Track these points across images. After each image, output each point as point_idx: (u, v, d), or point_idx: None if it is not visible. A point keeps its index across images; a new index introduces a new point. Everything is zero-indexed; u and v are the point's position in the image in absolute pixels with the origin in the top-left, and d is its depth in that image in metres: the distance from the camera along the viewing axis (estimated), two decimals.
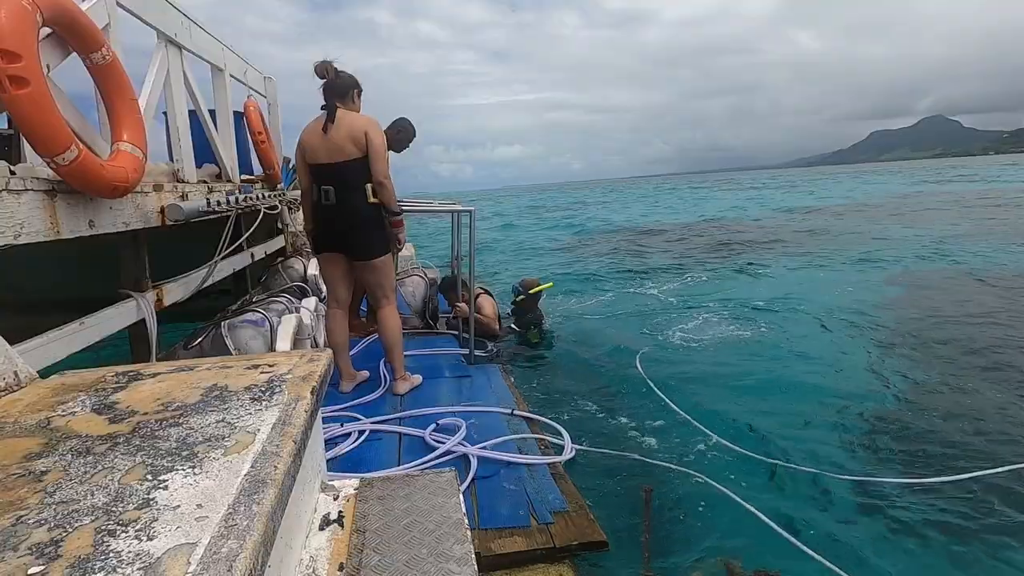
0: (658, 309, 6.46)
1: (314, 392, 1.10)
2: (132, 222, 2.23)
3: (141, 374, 1.21)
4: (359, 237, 2.74)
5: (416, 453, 2.19)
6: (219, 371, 1.22)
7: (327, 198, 2.67)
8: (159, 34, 2.87)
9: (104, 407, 1.03)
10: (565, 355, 4.62)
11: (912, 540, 2.19)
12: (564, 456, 2.24)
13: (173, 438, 0.88)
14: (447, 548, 1.07)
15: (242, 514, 0.66)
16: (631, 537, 2.13)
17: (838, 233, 12.71)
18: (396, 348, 2.91)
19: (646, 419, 3.23)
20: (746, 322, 5.60)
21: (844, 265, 8.64)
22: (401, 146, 4.00)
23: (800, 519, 2.25)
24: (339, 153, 2.63)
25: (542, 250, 13.76)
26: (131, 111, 2.07)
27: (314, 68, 2.67)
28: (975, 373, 3.87)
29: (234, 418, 0.96)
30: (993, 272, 7.42)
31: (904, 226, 13.31)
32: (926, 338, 4.73)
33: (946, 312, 5.59)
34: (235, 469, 0.77)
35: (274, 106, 5.54)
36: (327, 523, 1.17)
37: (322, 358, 1.28)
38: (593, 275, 9.30)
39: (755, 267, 8.99)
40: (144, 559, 0.58)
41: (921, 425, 3.12)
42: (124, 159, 1.95)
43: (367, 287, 2.89)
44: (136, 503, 0.70)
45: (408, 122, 4.00)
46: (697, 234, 14.47)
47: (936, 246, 9.84)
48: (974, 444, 2.86)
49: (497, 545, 1.63)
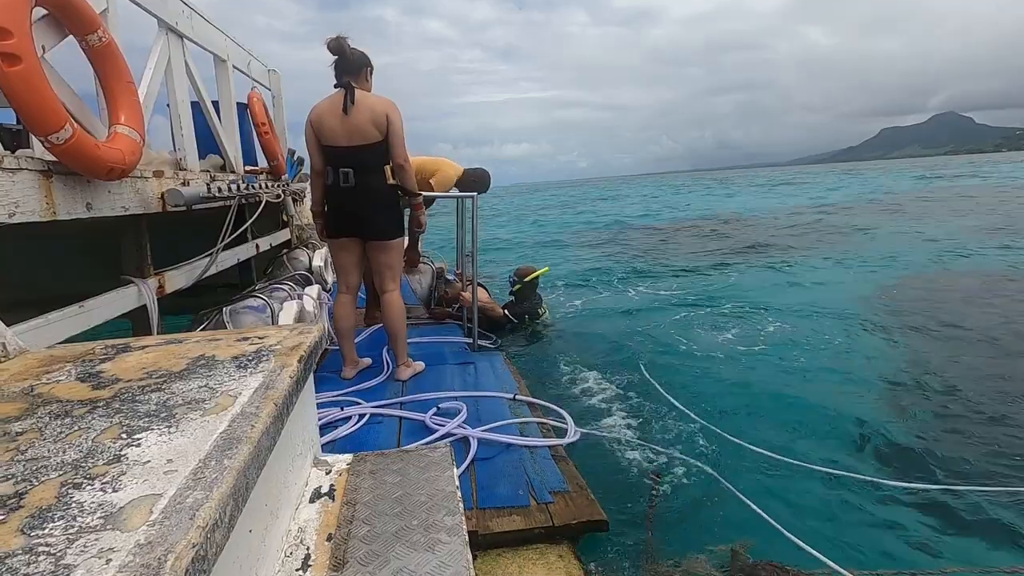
0: (665, 305, 6.40)
1: (302, 360, 1.08)
2: (131, 206, 2.23)
3: (130, 346, 1.20)
4: (378, 218, 2.72)
5: (416, 436, 2.18)
6: (208, 343, 1.20)
7: (346, 180, 2.63)
8: (159, 22, 2.87)
9: (89, 376, 1.02)
10: (567, 347, 4.59)
11: (917, 542, 2.13)
12: (567, 439, 2.21)
13: (153, 402, 0.87)
14: (438, 519, 1.05)
15: (212, 468, 0.64)
16: (632, 521, 2.11)
17: (850, 231, 12.51)
18: (400, 334, 2.89)
19: (649, 412, 3.21)
20: (753, 321, 5.53)
21: (856, 263, 8.49)
22: (474, 189, 4.03)
23: (803, 515, 2.21)
24: (359, 136, 2.58)
25: (553, 244, 13.70)
26: (128, 94, 2.06)
27: (327, 44, 2.60)
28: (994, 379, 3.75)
29: (217, 384, 0.94)
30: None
31: (914, 221, 13.11)
32: (945, 338, 4.61)
33: (960, 311, 5.47)
34: (211, 428, 0.75)
35: (278, 99, 5.55)
36: (318, 496, 1.15)
37: (312, 331, 1.26)
38: (599, 270, 9.23)
39: (766, 265, 8.86)
40: (106, 508, 0.57)
41: (932, 430, 3.02)
42: (121, 141, 1.94)
43: (376, 269, 2.86)
44: (106, 459, 0.68)
45: (487, 174, 4.17)
46: (706, 231, 14.32)
47: (945, 244, 9.66)
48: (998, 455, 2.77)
49: (496, 524, 1.60)
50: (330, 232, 2.83)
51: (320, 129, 2.63)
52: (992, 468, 2.61)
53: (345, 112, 2.55)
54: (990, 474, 2.55)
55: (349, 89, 2.56)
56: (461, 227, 4.00)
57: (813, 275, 7.80)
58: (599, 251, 11.98)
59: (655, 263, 9.65)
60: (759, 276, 8.01)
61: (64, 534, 0.52)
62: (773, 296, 6.53)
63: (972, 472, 2.57)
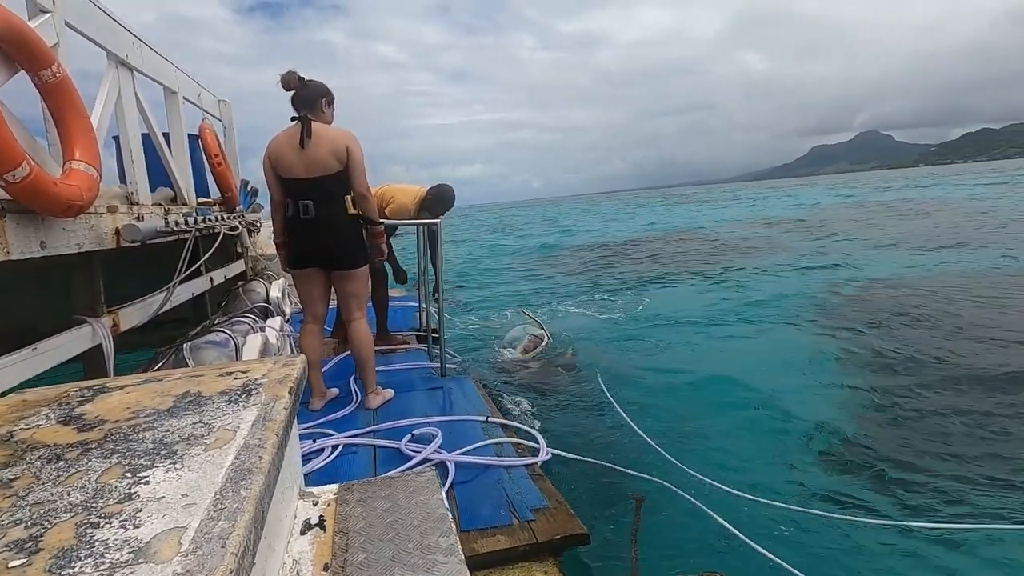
0: (621, 322, 6.59)
1: (292, 393, 1.09)
2: (86, 243, 2.16)
3: (107, 387, 1.18)
4: (341, 247, 2.71)
5: (392, 464, 2.17)
6: (190, 379, 1.19)
7: (305, 212, 2.62)
8: (109, 55, 2.81)
9: (71, 418, 1.00)
10: (529, 371, 4.66)
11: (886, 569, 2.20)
12: (540, 457, 2.26)
13: (149, 440, 0.87)
14: (433, 541, 1.07)
15: (230, 499, 0.66)
16: (609, 537, 2.16)
17: (790, 244, 13.27)
18: (369, 362, 2.87)
19: (612, 433, 3.30)
20: (705, 334, 5.78)
21: (796, 274, 9.01)
22: (439, 209, 3.99)
23: (777, 542, 2.23)
24: (319, 167, 2.59)
25: (503, 271, 13.82)
26: (84, 129, 2.02)
27: (280, 79, 2.62)
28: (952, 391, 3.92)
29: (211, 419, 0.94)
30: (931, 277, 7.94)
31: (847, 235, 14.06)
32: (889, 347, 4.90)
33: (888, 319, 5.86)
34: (218, 462, 0.77)
35: (230, 129, 5.46)
36: (308, 527, 1.15)
37: (297, 363, 1.27)
38: (557, 291, 9.40)
39: (716, 280, 9.26)
40: (133, 544, 0.58)
41: (891, 452, 3.08)
42: (77, 177, 1.89)
43: (342, 298, 2.84)
44: (117, 498, 0.68)
45: (450, 189, 4.02)
46: (656, 249, 14.84)
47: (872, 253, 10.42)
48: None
49: (480, 545, 1.62)
50: (293, 263, 2.81)
51: (278, 162, 2.63)
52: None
53: (302, 146, 2.57)
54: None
55: (306, 122, 2.58)
56: (423, 254, 4.03)
57: (772, 287, 8.19)
58: (559, 272, 12.19)
59: (614, 281, 9.91)
60: (698, 289, 8.37)
61: (96, 571, 0.54)
62: (721, 310, 6.83)
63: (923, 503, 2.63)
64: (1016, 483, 2.68)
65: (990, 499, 2.58)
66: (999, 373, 4.03)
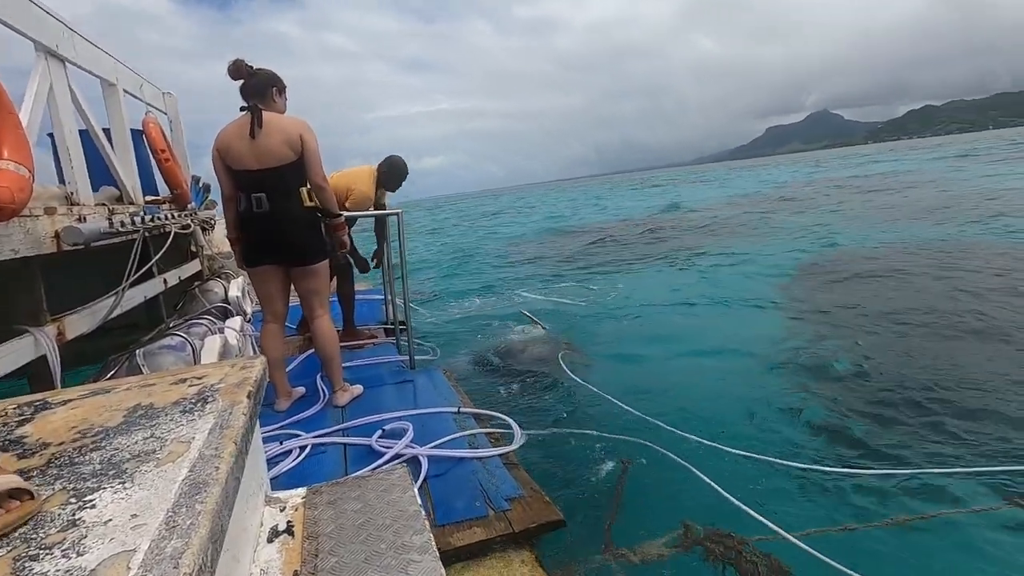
0: (586, 305, 6.65)
1: (251, 397, 1.05)
2: (22, 249, 2.02)
3: (49, 403, 1.11)
4: (298, 242, 2.61)
5: (363, 461, 2.13)
6: (141, 390, 1.13)
7: (259, 206, 2.52)
8: (36, 45, 2.62)
9: (9, 443, 0.93)
10: (502, 358, 4.68)
11: (855, 521, 2.25)
12: (515, 444, 2.25)
13: (96, 461, 0.82)
14: (406, 540, 1.06)
15: (184, 515, 0.62)
16: (587, 516, 2.19)
17: (747, 223, 13.60)
18: (334, 359, 2.81)
19: (586, 407, 3.36)
20: (667, 313, 5.90)
21: (753, 253, 9.25)
22: (393, 183, 3.90)
23: (745, 490, 2.36)
24: (271, 158, 2.48)
25: (475, 258, 13.77)
26: (12, 127, 1.88)
27: (227, 69, 2.52)
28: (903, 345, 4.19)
29: (164, 432, 0.90)
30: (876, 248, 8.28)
31: (797, 212, 14.52)
32: (847, 314, 5.13)
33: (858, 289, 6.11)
34: (170, 477, 0.73)
35: (176, 122, 5.21)
36: (276, 534, 1.12)
37: (256, 364, 1.22)
38: (519, 277, 9.41)
39: (678, 261, 9.42)
40: (77, 573, 0.54)
41: (848, 412, 3.22)
42: (7, 178, 1.76)
43: (302, 295, 2.76)
44: (59, 527, 0.64)
45: (400, 159, 3.93)
46: (619, 232, 14.99)
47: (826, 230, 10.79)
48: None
49: (457, 538, 1.61)
50: (248, 261, 2.70)
51: (227, 153, 2.51)
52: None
53: (252, 136, 2.46)
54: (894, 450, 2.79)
55: (256, 112, 2.47)
56: (387, 243, 3.95)
57: (729, 267, 8.39)
58: (522, 259, 12.19)
59: (575, 266, 9.97)
60: (677, 274, 8.51)
61: None
62: (683, 288, 6.98)
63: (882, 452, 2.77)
64: (988, 431, 2.82)
65: (962, 447, 2.70)
66: (966, 330, 4.30)
